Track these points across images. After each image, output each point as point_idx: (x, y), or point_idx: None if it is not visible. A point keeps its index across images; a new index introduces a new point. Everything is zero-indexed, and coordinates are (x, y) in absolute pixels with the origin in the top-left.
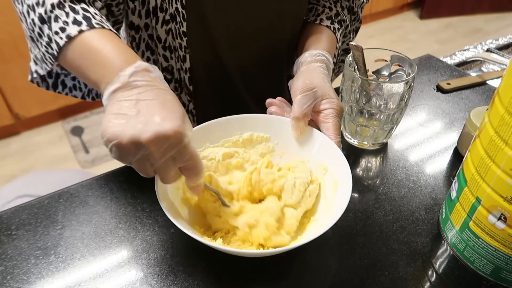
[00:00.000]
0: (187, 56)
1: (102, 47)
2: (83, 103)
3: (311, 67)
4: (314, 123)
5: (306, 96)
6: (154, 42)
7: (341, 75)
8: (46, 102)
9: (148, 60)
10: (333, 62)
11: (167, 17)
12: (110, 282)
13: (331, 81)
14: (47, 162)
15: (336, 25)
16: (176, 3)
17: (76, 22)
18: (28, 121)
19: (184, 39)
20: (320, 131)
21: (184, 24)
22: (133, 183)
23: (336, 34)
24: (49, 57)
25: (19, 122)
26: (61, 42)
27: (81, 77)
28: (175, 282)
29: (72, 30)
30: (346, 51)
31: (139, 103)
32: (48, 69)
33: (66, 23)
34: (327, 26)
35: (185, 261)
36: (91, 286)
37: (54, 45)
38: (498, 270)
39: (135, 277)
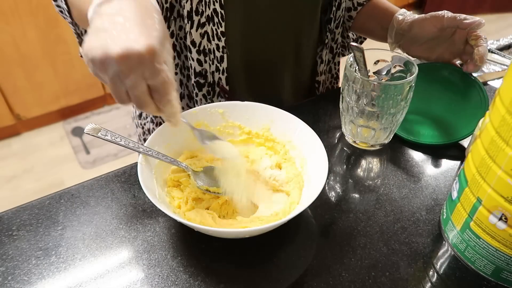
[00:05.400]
0: (225, 56)
1: None
2: (84, 103)
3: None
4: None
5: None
6: (187, 48)
7: (342, 75)
8: (47, 102)
9: (177, 66)
10: None
11: (203, 20)
12: (111, 282)
13: None
14: (48, 163)
15: None
16: (214, 4)
17: None
18: (29, 121)
19: (222, 39)
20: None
21: (223, 24)
22: (134, 183)
23: None
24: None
25: (20, 122)
26: None
27: (84, 21)
28: (176, 282)
29: None
30: None
31: (117, 17)
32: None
33: None
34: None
35: (186, 262)
36: (92, 287)
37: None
38: (499, 271)
39: (136, 278)
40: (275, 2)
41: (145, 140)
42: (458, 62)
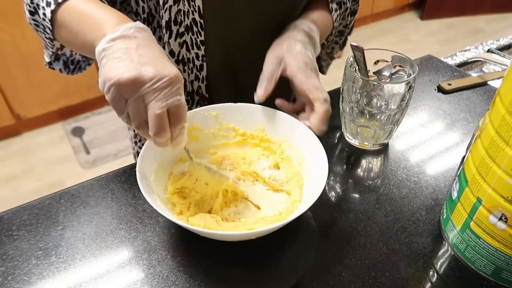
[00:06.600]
0: (204, 64)
1: (93, 10)
2: (84, 103)
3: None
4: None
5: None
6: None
7: (342, 75)
8: (47, 102)
9: None
10: (326, 39)
11: (182, 30)
12: (111, 282)
13: (328, 64)
14: (48, 163)
15: (335, 5)
16: (193, 14)
17: None
18: (29, 121)
19: (202, 47)
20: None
21: (202, 33)
22: (134, 183)
23: (332, 14)
24: (47, 35)
25: (20, 122)
26: (50, 10)
27: (75, 44)
28: (176, 282)
29: None
30: (341, 33)
31: (140, 51)
32: (50, 53)
33: None
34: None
35: (186, 262)
36: (92, 287)
37: (47, 21)
38: (499, 271)
39: (136, 278)
40: (253, 7)
41: (135, 142)
42: None
